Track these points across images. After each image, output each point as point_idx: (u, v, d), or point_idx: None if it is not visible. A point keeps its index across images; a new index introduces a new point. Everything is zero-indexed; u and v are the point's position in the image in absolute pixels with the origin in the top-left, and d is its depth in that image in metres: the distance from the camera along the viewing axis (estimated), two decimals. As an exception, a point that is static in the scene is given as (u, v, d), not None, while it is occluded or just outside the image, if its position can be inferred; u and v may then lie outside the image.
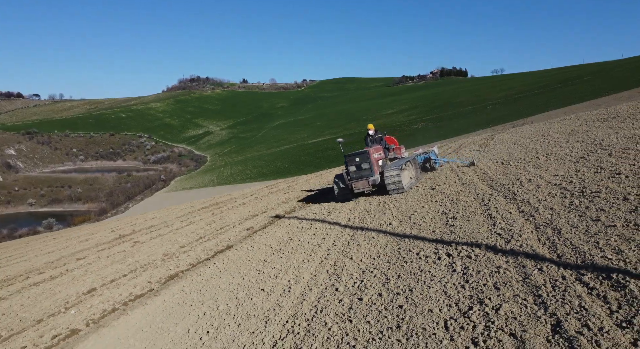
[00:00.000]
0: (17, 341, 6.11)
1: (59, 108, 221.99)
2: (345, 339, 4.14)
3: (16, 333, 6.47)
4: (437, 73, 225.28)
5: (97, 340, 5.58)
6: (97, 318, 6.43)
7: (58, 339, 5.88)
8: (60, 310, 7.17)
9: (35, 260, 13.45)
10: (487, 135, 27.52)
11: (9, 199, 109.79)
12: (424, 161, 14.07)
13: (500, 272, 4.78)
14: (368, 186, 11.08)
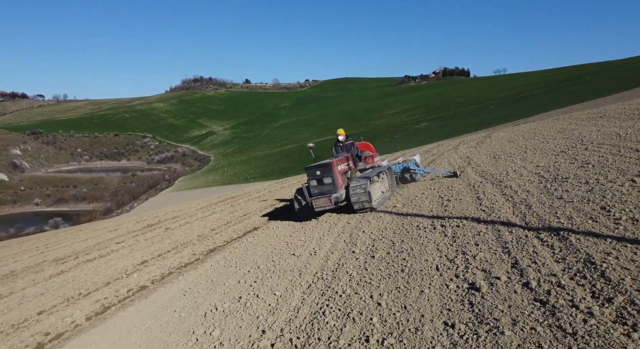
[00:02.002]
0: (97, 295, 7.61)
1: (63, 109, 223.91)
2: (363, 280, 5.61)
3: (93, 291, 7.97)
4: (440, 73, 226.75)
5: (165, 292, 7.06)
6: (158, 278, 7.93)
7: (132, 292, 7.37)
8: (122, 276, 8.67)
9: (75, 246, 14.96)
10: (485, 134, 28.95)
11: (15, 199, 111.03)
12: (403, 171, 12.67)
13: (480, 235, 6.24)
14: (330, 203, 9.50)
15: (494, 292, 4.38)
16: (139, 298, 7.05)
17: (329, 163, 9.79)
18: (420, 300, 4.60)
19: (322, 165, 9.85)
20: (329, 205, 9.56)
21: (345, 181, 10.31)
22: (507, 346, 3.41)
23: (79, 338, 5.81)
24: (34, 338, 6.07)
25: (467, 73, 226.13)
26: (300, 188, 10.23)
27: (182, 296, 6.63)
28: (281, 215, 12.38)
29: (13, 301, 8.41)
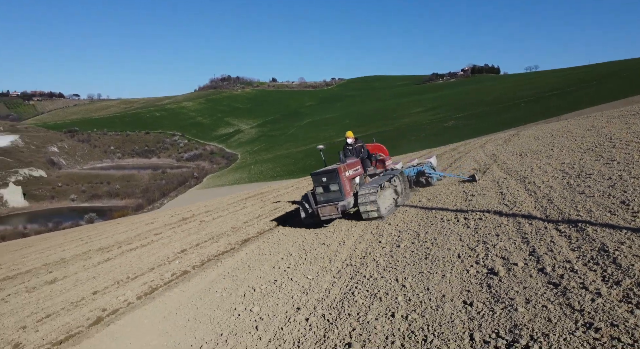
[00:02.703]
0: (144, 279, 8.33)
1: (96, 108, 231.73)
2: (388, 266, 6.05)
3: (139, 275, 8.71)
4: (468, 71, 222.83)
5: (206, 276, 7.70)
6: (198, 264, 8.59)
7: (176, 276, 8.06)
8: (165, 262, 9.39)
9: (116, 237, 15.95)
10: (513, 132, 28.72)
11: (53, 194, 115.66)
12: (417, 175, 11.90)
13: (501, 226, 6.58)
14: (336, 212, 8.83)
15: (510, 276, 4.76)
16: (183, 281, 7.72)
17: (335, 169, 9.04)
18: (442, 283, 5.02)
19: (328, 171, 9.11)
20: (336, 214, 8.89)
21: (354, 188, 9.64)
22: (520, 320, 3.80)
23: (133, 313, 6.49)
24: (93, 313, 6.80)
25: (496, 70, 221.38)
26: (306, 194, 9.64)
27: (221, 280, 7.24)
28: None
29: (69, 283, 9.25)
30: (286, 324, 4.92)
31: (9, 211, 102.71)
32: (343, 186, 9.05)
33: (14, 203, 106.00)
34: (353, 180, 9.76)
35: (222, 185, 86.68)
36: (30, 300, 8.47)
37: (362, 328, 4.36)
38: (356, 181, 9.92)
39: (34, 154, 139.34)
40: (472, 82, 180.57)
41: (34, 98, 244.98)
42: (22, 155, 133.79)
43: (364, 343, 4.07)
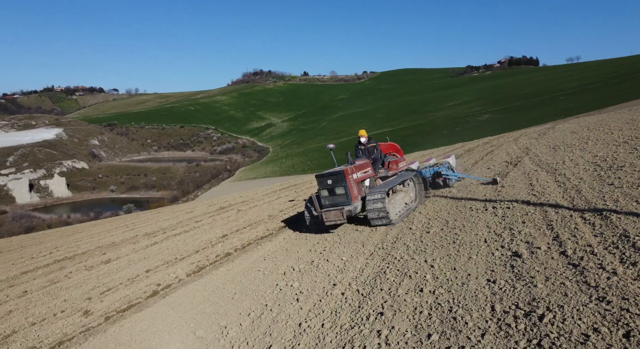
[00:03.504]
0: (191, 259, 9.10)
1: (134, 102, 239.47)
2: (418, 249, 6.49)
3: (186, 256, 9.50)
4: (505, 63, 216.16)
5: (248, 257, 8.36)
6: (240, 247, 9.28)
7: (220, 257, 8.77)
8: (208, 246, 10.15)
9: (159, 224, 16.99)
10: (549, 126, 28.17)
11: (94, 185, 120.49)
12: (434, 176, 11.14)
13: (528, 215, 6.88)
14: (342, 218, 8.20)
15: (533, 258, 5.11)
16: (227, 261, 8.40)
17: (341, 171, 8.34)
18: (468, 264, 5.42)
19: (334, 173, 8.44)
20: (341, 219, 8.22)
21: (363, 191, 8.97)
22: (538, 295, 4.17)
23: (185, 288, 7.21)
24: (149, 287, 7.57)
25: (535, 62, 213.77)
26: (311, 197, 8.88)
27: (262, 260, 7.87)
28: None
29: (122, 263, 10.16)
30: (324, 297, 5.46)
31: (54, 201, 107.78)
32: (350, 189, 8.34)
33: (58, 194, 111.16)
34: (362, 182, 9.06)
35: (254, 178, 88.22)
36: (91, 276, 9.40)
37: (393, 301, 4.84)
38: (366, 183, 9.22)
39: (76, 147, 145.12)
40: (509, 75, 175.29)
41: (76, 92, 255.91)
42: (65, 148, 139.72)
43: (395, 312, 4.55)
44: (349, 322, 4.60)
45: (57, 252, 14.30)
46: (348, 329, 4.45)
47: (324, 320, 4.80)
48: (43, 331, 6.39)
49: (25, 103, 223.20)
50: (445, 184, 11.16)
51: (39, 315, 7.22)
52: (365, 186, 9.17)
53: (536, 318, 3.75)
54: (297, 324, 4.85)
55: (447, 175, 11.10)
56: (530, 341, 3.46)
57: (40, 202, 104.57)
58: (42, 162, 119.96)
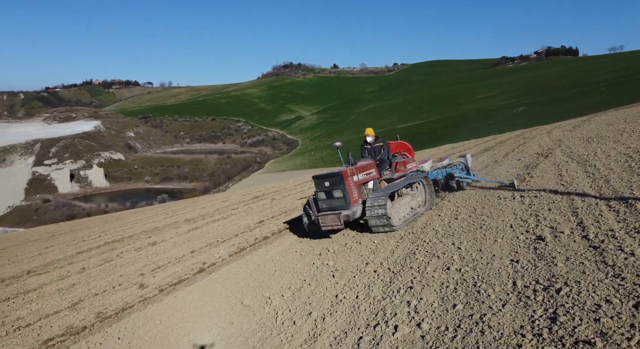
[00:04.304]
0: (231, 242, 9.80)
1: (168, 95, 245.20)
2: (446, 233, 6.88)
3: (227, 239, 10.21)
4: (542, 53, 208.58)
5: (284, 240, 8.96)
6: (276, 232, 9.90)
7: (258, 240, 9.42)
8: (246, 230, 10.83)
9: (197, 211, 17.91)
10: (585, 118, 27.54)
11: (130, 176, 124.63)
12: (447, 177, 10.21)
13: (554, 203, 7.14)
14: (339, 222, 7.65)
15: (556, 241, 5.43)
16: (265, 244, 9.03)
17: (339, 173, 7.84)
18: (494, 246, 5.79)
19: (332, 174, 7.94)
20: (338, 225, 7.69)
21: (365, 194, 8.36)
22: (558, 272, 4.53)
23: (228, 266, 7.87)
24: (195, 265, 8.29)
25: (575, 52, 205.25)
26: (309, 200, 8.43)
27: (298, 243, 8.45)
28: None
29: (168, 245, 10.98)
30: (357, 274, 5.96)
31: (93, 190, 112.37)
32: (349, 192, 7.81)
33: (97, 184, 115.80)
34: (364, 185, 8.47)
35: (283, 170, 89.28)
36: (140, 256, 10.24)
37: (422, 277, 5.29)
38: (369, 186, 8.64)
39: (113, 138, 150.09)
40: (546, 65, 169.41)
41: (113, 86, 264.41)
42: (103, 139, 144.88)
43: (423, 286, 5.00)
44: (381, 294, 5.08)
45: (105, 236, 15.38)
46: (380, 300, 4.94)
47: (358, 293, 5.30)
48: (106, 300, 7.18)
49: (66, 96, 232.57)
50: (459, 187, 10.19)
51: (99, 287, 8.05)
52: (368, 189, 8.60)
53: (554, 291, 4.12)
54: (333, 296, 5.37)
55: (460, 177, 10.16)
56: (547, 310, 3.84)
57: (80, 191, 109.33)
58: (81, 153, 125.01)
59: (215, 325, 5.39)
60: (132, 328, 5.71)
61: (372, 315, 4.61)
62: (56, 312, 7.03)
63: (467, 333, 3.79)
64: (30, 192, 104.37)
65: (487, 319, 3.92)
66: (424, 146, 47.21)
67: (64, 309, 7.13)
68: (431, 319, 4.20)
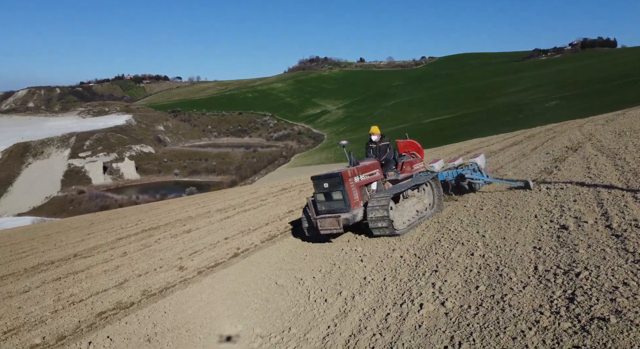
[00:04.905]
0: (262, 230, 10.28)
1: (196, 89, 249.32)
2: (471, 222, 7.11)
3: (258, 227, 10.70)
4: (578, 45, 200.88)
5: (313, 228, 9.37)
6: (305, 220, 10.33)
7: (288, 228, 9.85)
8: (276, 219, 11.29)
9: (228, 202, 18.55)
10: (620, 112, 26.79)
11: (159, 169, 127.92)
12: (457, 179, 9.61)
13: (580, 194, 7.24)
14: (338, 226, 7.25)
15: (579, 230, 5.60)
16: (295, 231, 9.45)
17: (338, 174, 7.49)
18: (517, 234, 6.00)
19: (331, 175, 7.60)
20: (337, 228, 7.29)
21: (367, 197, 7.95)
22: (579, 258, 4.73)
23: (261, 251, 8.33)
24: (230, 250, 8.79)
25: (612, 43, 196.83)
26: (309, 202, 8.03)
27: (327, 231, 8.80)
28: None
29: (202, 232, 11.56)
30: (384, 259, 6.28)
31: (125, 182, 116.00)
32: (349, 194, 7.42)
33: (128, 176, 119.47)
34: (366, 186, 8.07)
35: (309, 164, 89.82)
36: (177, 242, 10.85)
37: (447, 262, 5.57)
38: (372, 187, 8.27)
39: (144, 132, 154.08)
40: (582, 58, 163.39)
41: (143, 81, 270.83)
42: (134, 133, 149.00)
43: (448, 270, 5.29)
44: (407, 276, 5.40)
45: (141, 224, 16.19)
46: (406, 281, 5.25)
47: (385, 275, 5.63)
48: (149, 280, 7.76)
49: (99, 90, 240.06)
50: (470, 188, 9.66)
51: (142, 269, 8.66)
52: (372, 191, 8.21)
53: (573, 274, 4.34)
54: (362, 278, 5.72)
55: (472, 178, 9.49)
56: (566, 291, 4.07)
57: (112, 183, 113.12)
58: (114, 146, 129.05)
59: (252, 302, 5.83)
60: (176, 304, 6.22)
61: (399, 295, 4.93)
62: (105, 290, 7.65)
63: (488, 310, 4.07)
64: (66, 184, 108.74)
65: (508, 299, 4.19)
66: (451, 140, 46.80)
67: (111, 287, 7.74)
68: (455, 298, 4.49)
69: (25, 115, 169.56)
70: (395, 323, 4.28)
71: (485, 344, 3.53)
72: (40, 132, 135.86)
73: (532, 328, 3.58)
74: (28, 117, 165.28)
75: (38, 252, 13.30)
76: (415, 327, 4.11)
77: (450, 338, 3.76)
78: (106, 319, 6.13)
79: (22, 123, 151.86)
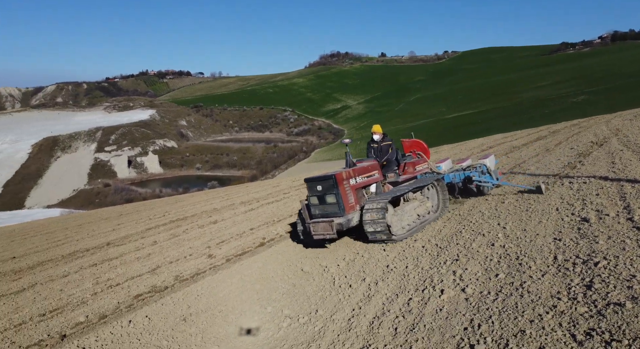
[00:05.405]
0: (286, 221, 10.60)
1: (218, 85, 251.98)
2: (492, 215, 7.24)
3: (282, 219, 11.03)
4: (608, 38, 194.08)
5: (336, 220, 9.64)
6: (328, 212, 10.60)
7: (312, 219, 10.17)
8: (300, 211, 11.61)
9: (251, 195, 18.99)
10: (650, 107, 26.13)
11: (182, 163, 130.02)
12: (465, 181, 9.14)
13: (603, 188, 7.29)
14: (331, 231, 6.80)
15: (600, 223, 5.69)
16: (318, 223, 9.72)
17: (332, 176, 7.03)
18: (538, 226, 6.12)
19: (325, 177, 7.14)
20: (330, 234, 6.83)
21: (364, 200, 7.45)
22: (598, 249, 4.85)
23: (286, 241, 8.65)
24: (256, 240, 9.14)
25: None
26: (303, 204, 7.55)
27: (350, 223, 9.04)
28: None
29: (228, 223, 11.97)
30: (406, 249, 6.50)
31: (148, 176, 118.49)
32: (343, 197, 7.00)
33: (152, 170, 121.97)
34: (363, 189, 7.69)
35: (329, 159, 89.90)
36: (204, 232, 11.28)
37: (467, 251, 5.75)
38: (371, 190, 7.90)
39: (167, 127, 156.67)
40: (612, 51, 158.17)
41: (167, 76, 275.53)
42: (158, 128, 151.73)
43: (469, 259, 5.47)
44: (429, 265, 5.60)
45: (168, 215, 16.76)
46: (428, 269, 5.46)
47: (407, 264, 5.85)
48: (180, 267, 8.16)
49: (124, 86, 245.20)
50: (479, 191, 9.20)
51: (173, 257, 9.08)
52: (370, 193, 7.84)
53: (592, 264, 4.48)
54: (385, 266, 5.95)
55: (480, 181, 8.96)
56: (584, 279, 4.22)
57: (137, 177, 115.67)
58: (138, 141, 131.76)
59: (280, 287, 6.14)
60: (208, 288, 6.58)
61: (421, 281, 5.15)
62: (139, 275, 8.09)
63: (507, 296, 4.25)
64: (92, 177, 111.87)
65: (527, 286, 4.36)
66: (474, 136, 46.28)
67: (145, 273, 8.18)
68: (475, 285, 4.68)
69: (54, 110, 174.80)
70: (417, 307, 4.51)
71: (504, 326, 3.73)
72: (69, 126, 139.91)
73: (550, 312, 3.75)
74: (57, 112, 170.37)
75: (72, 241, 13.97)
76: (437, 311, 4.33)
77: (470, 321, 3.96)
78: (143, 301, 6.54)
79: (51, 118, 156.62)
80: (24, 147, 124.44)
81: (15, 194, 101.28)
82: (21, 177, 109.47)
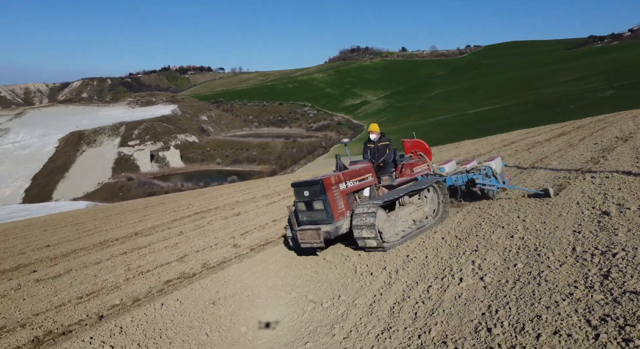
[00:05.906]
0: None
1: (238, 80, 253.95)
2: (512, 208, 7.33)
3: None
4: (638, 31, 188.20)
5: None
6: (349, 205, 10.81)
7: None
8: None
9: (272, 189, 19.35)
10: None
11: (203, 158, 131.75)
12: (468, 184, 8.71)
13: (626, 183, 7.29)
14: (318, 240, 6.40)
15: (620, 216, 5.75)
16: (339, 215, 9.94)
17: (319, 181, 6.63)
18: (558, 219, 6.20)
19: (312, 182, 6.76)
20: (317, 242, 6.43)
21: (355, 205, 6.98)
22: (617, 240, 4.93)
23: (308, 231, 8.88)
24: (279, 231, 9.45)
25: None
26: (290, 211, 7.13)
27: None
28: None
29: (251, 215, 12.31)
30: (426, 240, 6.66)
31: (170, 170, 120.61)
32: (332, 203, 6.56)
33: (173, 164, 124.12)
34: (355, 193, 7.26)
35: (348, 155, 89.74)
36: (228, 224, 11.64)
37: (486, 243, 5.88)
38: (365, 194, 7.42)
39: (188, 122, 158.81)
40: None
41: (188, 72, 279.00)
42: (179, 123, 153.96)
43: (487, 250, 5.61)
44: (448, 255, 5.76)
45: (192, 207, 17.24)
46: (447, 259, 5.62)
47: (427, 254, 6.02)
48: (207, 256, 8.51)
49: (147, 81, 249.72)
50: (484, 195, 8.73)
51: (199, 246, 9.45)
52: (364, 198, 7.37)
53: (610, 255, 4.57)
54: (405, 256, 6.14)
55: (484, 184, 8.54)
56: (601, 269, 4.33)
57: (159, 171, 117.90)
58: (160, 135, 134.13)
59: (303, 274, 6.40)
60: (234, 275, 6.89)
61: (440, 270, 5.32)
62: (168, 263, 8.47)
63: (524, 284, 4.39)
64: (116, 171, 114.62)
65: (545, 275, 4.49)
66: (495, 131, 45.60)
67: (173, 261, 8.56)
68: (493, 274, 4.83)
69: (80, 105, 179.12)
70: (437, 294, 4.69)
71: (521, 311, 3.88)
72: (94, 121, 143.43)
73: (566, 299, 3.89)
74: (82, 107, 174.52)
75: (102, 231, 14.55)
76: (455, 297, 4.50)
77: (488, 307, 4.13)
78: (173, 286, 6.89)
79: (77, 112, 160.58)
80: (52, 141, 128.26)
81: (43, 187, 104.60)
82: (49, 170, 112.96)
